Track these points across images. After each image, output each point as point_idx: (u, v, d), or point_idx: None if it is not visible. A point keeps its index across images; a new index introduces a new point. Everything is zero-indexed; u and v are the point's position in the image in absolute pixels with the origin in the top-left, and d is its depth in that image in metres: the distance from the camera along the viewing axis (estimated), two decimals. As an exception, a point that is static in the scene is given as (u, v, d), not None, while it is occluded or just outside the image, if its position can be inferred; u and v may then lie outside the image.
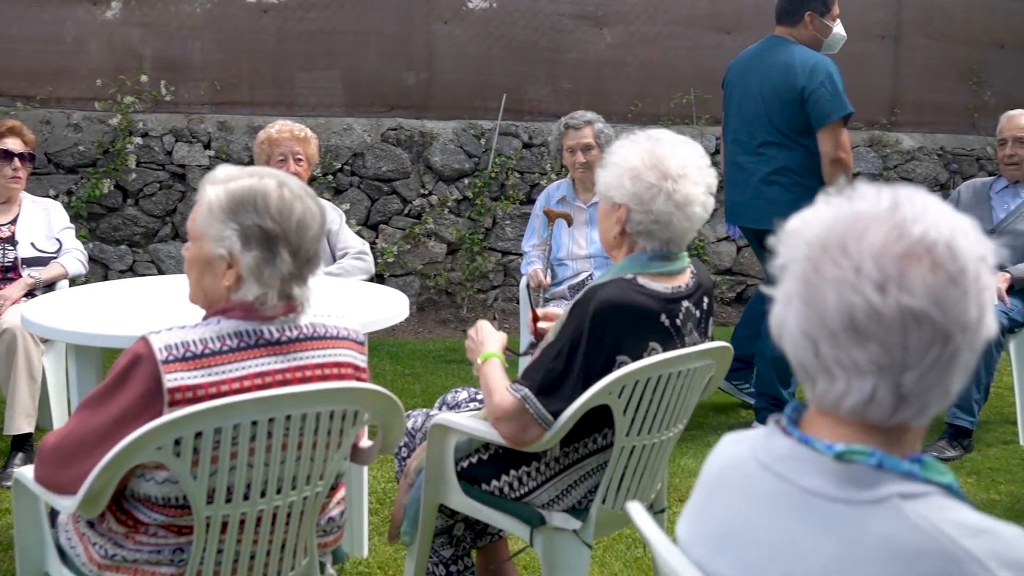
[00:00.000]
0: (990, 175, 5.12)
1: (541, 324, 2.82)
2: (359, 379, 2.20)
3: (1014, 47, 8.32)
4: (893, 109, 8.05)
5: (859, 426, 1.19)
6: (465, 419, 2.64)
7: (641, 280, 2.42)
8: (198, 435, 1.91)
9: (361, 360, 2.23)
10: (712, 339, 2.63)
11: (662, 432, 2.56)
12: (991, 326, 1.17)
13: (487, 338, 2.68)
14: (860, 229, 1.15)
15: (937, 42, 8.15)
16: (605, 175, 2.48)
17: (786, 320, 1.21)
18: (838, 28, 4.71)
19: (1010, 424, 4.81)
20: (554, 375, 2.40)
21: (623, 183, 2.43)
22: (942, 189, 7.73)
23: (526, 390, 2.41)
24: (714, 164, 2.53)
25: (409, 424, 2.88)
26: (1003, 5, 8.32)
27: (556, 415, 2.39)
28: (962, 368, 1.16)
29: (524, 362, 3.47)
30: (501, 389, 2.47)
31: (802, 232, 1.20)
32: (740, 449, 1.33)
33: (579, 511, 2.56)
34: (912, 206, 1.15)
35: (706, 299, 2.58)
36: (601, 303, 2.36)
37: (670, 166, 2.41)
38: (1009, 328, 4.58)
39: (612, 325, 2.37)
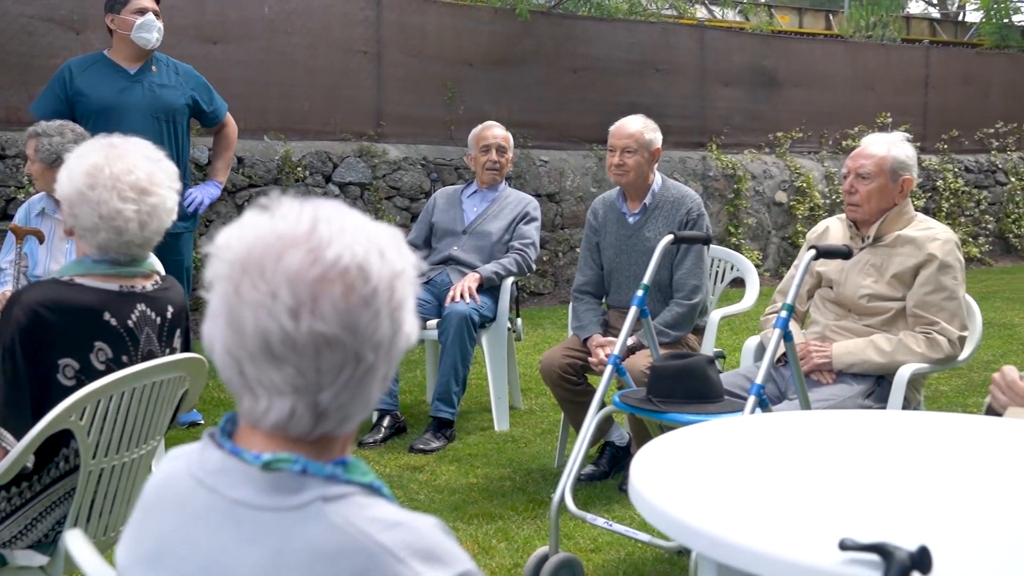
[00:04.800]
0: (466, 182, 5.53)
1: None
2: None
3: (481, 65, 9.08)
4: (379, 121, 8.44)
5: (284, 438, 1.23)
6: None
7: (79, 280, 2.35)
8: None
9: None
10: (187, 350, 2.60)
11: (132, 451, 2.48)
12: (411, 336, 1.25)
13: None
14: (278, 252, 1.17)
15: (415, 59, 8.68)
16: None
17: (214, 338, 1.22)
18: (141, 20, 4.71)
19: (487, 412, 5.22)
20: (4, 388, 2.27)
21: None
22: (427, 196, 8.24)
23: None
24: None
25: None
26: (470, 27, 9.06)
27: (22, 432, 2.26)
28: (380, 380, 1.23)
29: None
30: None
31: (225, 251, 1.21)
32: (176, 465, 1.31)
33: (47, 545, 2.42)
34: (329, 227, 1.19)
35: (171, 309, 2.53)
36: (24, 307, 2.26)
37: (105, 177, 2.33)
38: (481, 324, 4.98)
39: (43, 328, 2.27)
